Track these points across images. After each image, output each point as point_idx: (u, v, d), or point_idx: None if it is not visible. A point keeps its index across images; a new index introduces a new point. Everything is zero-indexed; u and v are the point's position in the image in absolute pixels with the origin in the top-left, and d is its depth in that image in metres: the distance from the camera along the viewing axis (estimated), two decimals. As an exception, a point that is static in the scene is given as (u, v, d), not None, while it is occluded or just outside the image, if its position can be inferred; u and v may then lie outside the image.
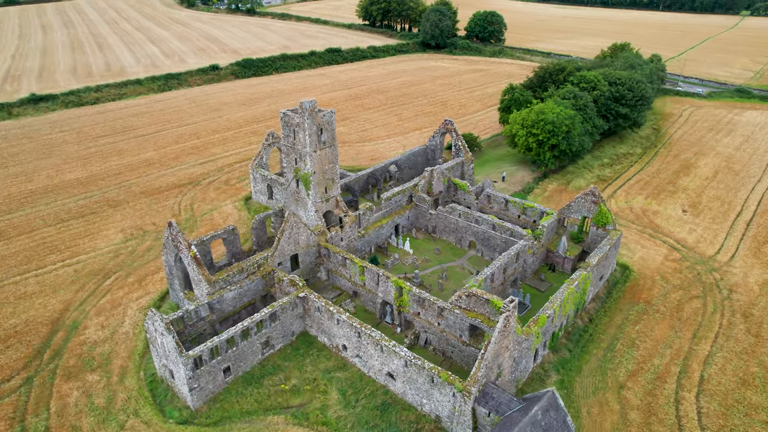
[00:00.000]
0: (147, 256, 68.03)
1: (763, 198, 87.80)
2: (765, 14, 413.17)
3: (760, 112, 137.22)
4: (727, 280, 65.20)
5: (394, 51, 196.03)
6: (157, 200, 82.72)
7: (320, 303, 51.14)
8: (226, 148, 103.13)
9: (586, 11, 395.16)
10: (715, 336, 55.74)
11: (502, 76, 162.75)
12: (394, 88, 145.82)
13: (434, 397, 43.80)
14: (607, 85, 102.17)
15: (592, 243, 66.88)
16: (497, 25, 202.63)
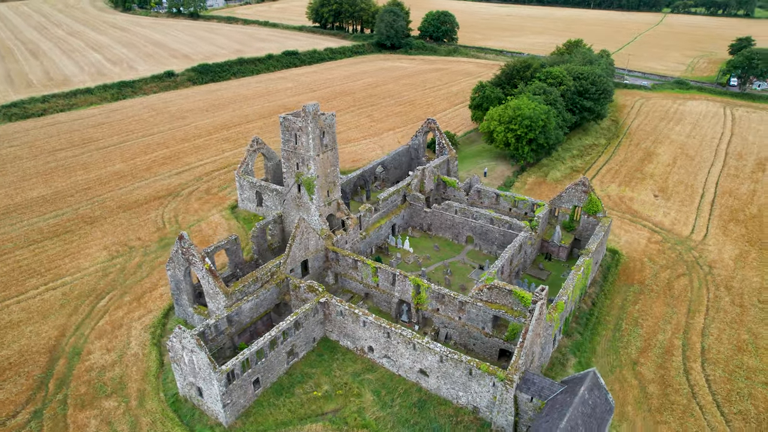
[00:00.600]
0: (139, 273, 64.87)
1: (719, 180, 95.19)
2: (683, 11, 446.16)
3: (699, 101, 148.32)
4: (705, 257, 70.37)
5: (351, 52, 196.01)
6: (137, 214, 78.90)
7: (343, 307, 50.83)
8: (200, 156, 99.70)
9: (526, 10, 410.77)
10: (706, 309, 60.11)
11: (461, 75, 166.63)
12: (359, 90, 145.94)
13: (472, 389, 44.73)
14: (571, 80, 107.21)
15: (583, 231, 70.13)
16: (449, 25, 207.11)
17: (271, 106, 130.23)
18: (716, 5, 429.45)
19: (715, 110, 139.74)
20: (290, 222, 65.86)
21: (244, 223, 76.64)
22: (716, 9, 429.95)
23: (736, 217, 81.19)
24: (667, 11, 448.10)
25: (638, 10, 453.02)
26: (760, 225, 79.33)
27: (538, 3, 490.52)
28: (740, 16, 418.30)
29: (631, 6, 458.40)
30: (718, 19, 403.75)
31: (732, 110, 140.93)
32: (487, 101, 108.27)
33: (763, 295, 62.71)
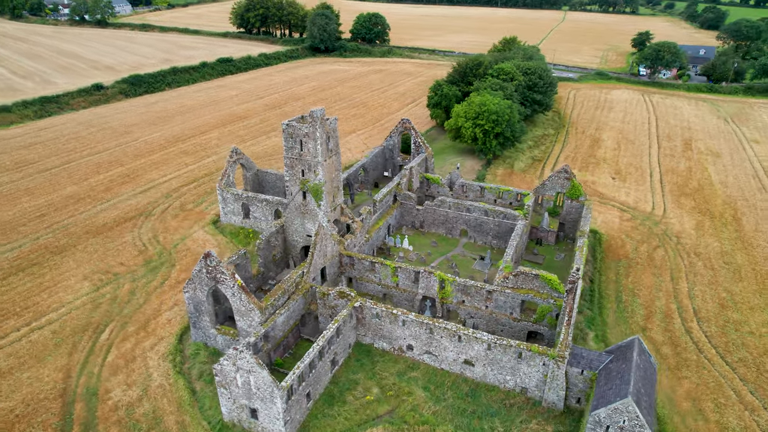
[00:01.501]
0: (135, 300, 60.43)
1: (659, 161, 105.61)
2: (580, 9, 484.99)
3: (621, 90, 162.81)
4: (671, 229, 78.12)
5: (285, 57, 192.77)
6: (110, 238, 73.12)
7: (379, 309, 50.96)
8: (162, 172, 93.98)
9: (438, 10, 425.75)
10: (686, 275, 66.96)
11: (402, 75, 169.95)
12: (307, 95, 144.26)
13: (521, 371, 46.85)
14: (521, 75, 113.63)
15: (567, 215, 75.10)
16: (381, 27, 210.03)
17: (220, 115, 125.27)
18: (607, 3, 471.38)
19: (637, 97, 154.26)
20: (293, 231, 64.46)
21: (232, 238, 73.74)
22: (608, 7, 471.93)
23: (683, 192, 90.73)
24: (566, 9, 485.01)
25: (541, 8, 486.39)
26: (705, 197, 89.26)
27: (448, 3, 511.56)
28: (628, 13, 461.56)
29: (534, 4, 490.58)
30: (611, 15, 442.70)
31: (650, 97, 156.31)
32: (446, 99, 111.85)
33: (726, 258, 70.92)
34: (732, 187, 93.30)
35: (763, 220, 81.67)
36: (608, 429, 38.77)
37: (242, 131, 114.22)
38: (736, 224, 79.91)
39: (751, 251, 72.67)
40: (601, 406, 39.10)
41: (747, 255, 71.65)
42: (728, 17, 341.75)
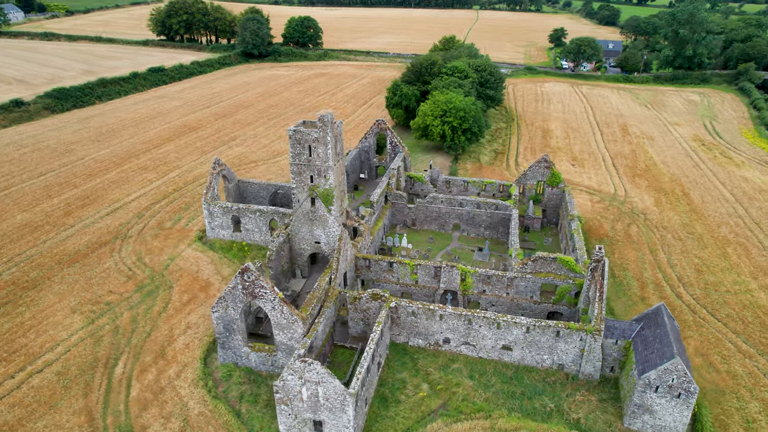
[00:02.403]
0: (141, 329, 56.33)
1: (606, 146, 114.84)
2: (489, 8, 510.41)
3: (552, 83, 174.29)
4: (636, 207, 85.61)
5: (219, 64, 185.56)
6: (88, 266, 67.25)
7: (415, 306, 51.65)
8: (124, 191, 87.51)
9: (356, 12, 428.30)
10: (661, 247, 73.92)
11: (345, 78, 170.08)
12: (255, 101, 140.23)
13: (558, 349, 49.68)
14: (474, 72, 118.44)
15: (548, 201, 79.93)
16: (313, 30, 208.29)
17: (170, 127, 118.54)
18: (514, 2, 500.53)
19: (568, 89, 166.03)
20: (300, 239, 63.25)
21: (224, 253, 70.68)
22: (515, 5, 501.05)
23: (635, 173, 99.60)
24: (477, 8, 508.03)
25: (453, 8, 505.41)
26: (653, 176, 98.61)
27: (362, 5, 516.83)
28: (533, 11, 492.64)
29: (446, 4, 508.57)
30: (518, 14, 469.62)
31: (579, 88, 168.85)
32: (406, 99, 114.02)
33: (687, 229, 79.08)
34: (672, 166, 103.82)
35: (706, 192, 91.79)
36: (657, 389, 42.43)
37: (199, 142, 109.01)
38: (686, 199, 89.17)
39: (706, 221, 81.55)
40: (648, 369, 42.65)
41: (703, 224, 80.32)
42: (621, 14, 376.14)
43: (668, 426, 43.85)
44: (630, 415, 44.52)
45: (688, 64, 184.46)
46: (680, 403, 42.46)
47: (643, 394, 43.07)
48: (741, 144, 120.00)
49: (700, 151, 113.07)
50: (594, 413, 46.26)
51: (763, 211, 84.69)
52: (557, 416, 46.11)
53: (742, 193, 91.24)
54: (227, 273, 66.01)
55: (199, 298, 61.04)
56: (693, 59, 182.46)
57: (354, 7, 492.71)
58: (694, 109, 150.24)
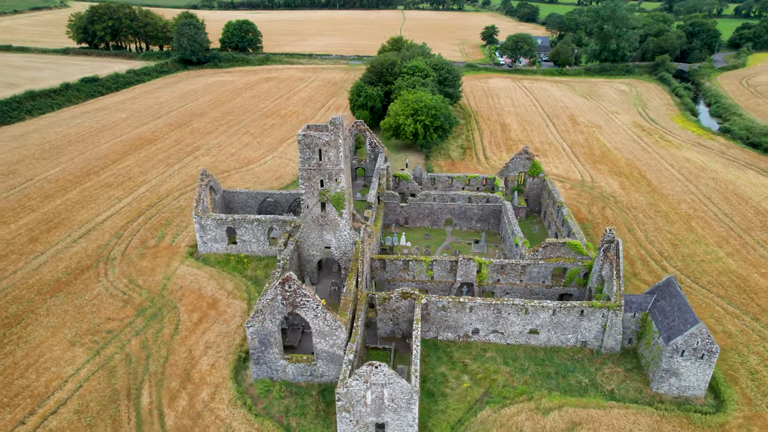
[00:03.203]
0: (156, 354, 53.09)
1: (562, 136, 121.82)
2: (414, 8, 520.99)
3: (495, 79, 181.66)
4: (605, 191, 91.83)
5: (157, 73, 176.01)
6: (75, 294, 62.16)
7: (445, 301, 52.71)
8: (92, 211, 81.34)
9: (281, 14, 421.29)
10: (636, 226, 79.98)
11: (294, 81, 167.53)
12: (209, 109, 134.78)
13: (581, 328, 52.74)
14: (433, 71, 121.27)
15: (530, 191, 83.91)
16: (252, 34, 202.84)
17: (123, 140, 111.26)
18: (437, 1, 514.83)
19: (512, 84, 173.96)
20: (310, 245, 62.34)
21: (222, 267, 67.99)
22: (438, 5, 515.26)
23: (594, 160, 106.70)
24: (401, 8, 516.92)
25: (377, 8, 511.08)
26: (611, 162, 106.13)
27: (285, 7, 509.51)
28: (456, 10, 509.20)
29: (371, 5, 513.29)
30: (442, 12, 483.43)
31: (520, 83, 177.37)
32: (371, 100, 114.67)
33: (654, 208, 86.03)
34: (624, 151, 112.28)
35: (659, 174, 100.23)
36: (683, 353, 46.39)
37: (161, 155, 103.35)
38: (645, 180, 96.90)
39: (667, 199, 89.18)
40: (674, 336, 46.50)
41: (666, 203, 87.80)
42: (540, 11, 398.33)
43: (692, 386, 48.03)
44: (658, 380, 48.25)
45: (613, 57, 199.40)
46: (703, 363, 46.69)
47: (670, 360, 46.87)
48: (674, 128, 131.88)
49: (643, 136, 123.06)
50: (624, 383, 49.67)
51: (710, 187, 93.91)
52: (592, 390, 49.05)
53: (688, 173, 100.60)
54: (231, 287, 63.61)
55: (210, 316, 58.41)
56: (617, 53, 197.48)
57: (276, 10, 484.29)
58: (625, 98, 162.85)
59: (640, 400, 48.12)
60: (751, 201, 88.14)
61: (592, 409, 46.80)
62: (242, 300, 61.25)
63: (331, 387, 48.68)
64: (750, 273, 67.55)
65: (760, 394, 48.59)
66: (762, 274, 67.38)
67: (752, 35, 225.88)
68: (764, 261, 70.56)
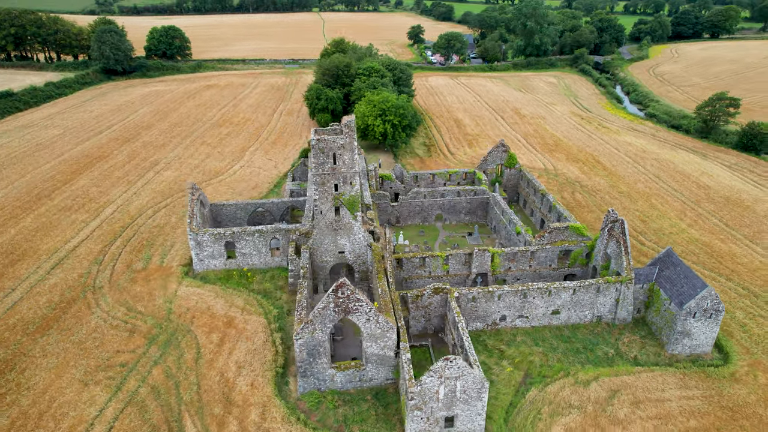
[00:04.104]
0: (185, 382, 50.00)
1: (512, 128, 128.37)
2: (329, 10, 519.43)
3: (434, 78, 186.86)
4: (569, 177, 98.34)
5: (79, 84, 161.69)
6: (69, 329, 56.61)
7: (475, 292, 54.47)
8: (58, 238, 73.95)
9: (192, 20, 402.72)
10: (605, 205, 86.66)
11: (237, 88, 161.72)
12: (153, 121, 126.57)
13: (597, 303, 56.83)
14: (388, 72, 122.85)
15: (507, 182, 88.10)
16: (180, 40, 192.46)
17: (68, 159, 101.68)
18: (352, 3, 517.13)
19: (451, 82, 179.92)
20: (323, 251, 61.57)
21: (224, 284, 65.05)
22: (353, 6, 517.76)
23: (550, 149, 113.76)
24: (317, 10, 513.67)
25: (292, 11, 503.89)
26: (565, 150, 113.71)
27: (195, 12, 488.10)
28: (370, 11, 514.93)
29: (285, 8, 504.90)
30: (357, 14, 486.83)
31: (458, 80, 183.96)
32: (332, 103, 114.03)
33: (615, 189, 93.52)
34: (573, 139, 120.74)
35: (610, 157, 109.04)
36: (695, 315, 51.63)
37: (117, 172, 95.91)
38: (600, 165, 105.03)
39: (624, 180, 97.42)
40: (686, 300, 51.59)
41: (624, 184, 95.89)
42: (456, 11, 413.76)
43: (702, 343, 53.53)
44: (673, 343, 53.27)
45: (537, 51, 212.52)
46: (711, 322, 52.26)
47: (684, 322, 51.96)
48: (607, 116, 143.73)
49: (584, 125, 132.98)
50: (644, 349, 54.28)
51: (656, 167, 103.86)
52: (618, 359, 53.13)
53: (634, 155, 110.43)
54: (241, 303, 61.13)
55: (231, 335, 55.86)
56: (540, 47, 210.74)
57: (185, 15, 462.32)
58: (556, 90, 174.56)
59: (660, 362, 52.86)
60: (691, 177, 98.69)
61: (624, 376, 50.79)
62: (258, 315, 59.11)
63: (382, 390, 48.74)
64: (712, 240, 75.95)
65: (754, 343, 55.18)
66: (722, 240, 76.03)
67: (649, 30, 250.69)
68: (719, 228, 79.60)
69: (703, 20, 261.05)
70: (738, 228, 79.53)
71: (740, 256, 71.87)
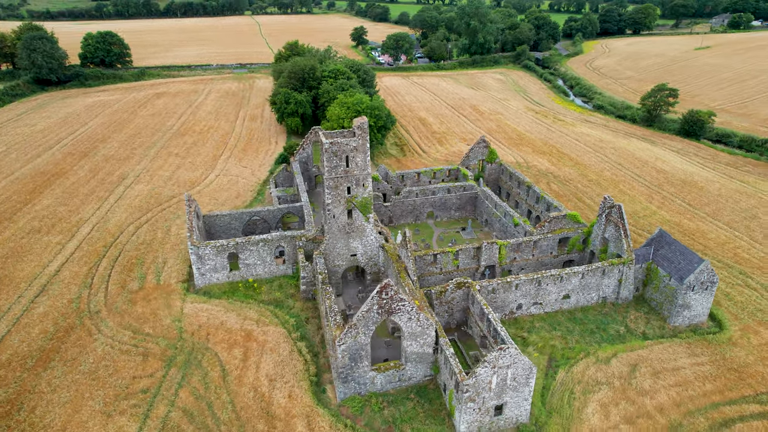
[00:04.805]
0: (218, 401, 48.18)
1: (475, 124, 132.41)
2: (261, 12, 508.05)
3: (387, 78, 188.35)
4: (540, 169, 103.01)
5: (9, 96, 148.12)
6: (75, 360, 52.72)
7: (495, 283, 56.29)
8: (35, 264, 68.12)
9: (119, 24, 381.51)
10: (580, 194, 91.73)
11: (189, 95, 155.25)
12: (108, 133, 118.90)
13: (603, 285, 60.45)
14: (352, 73, 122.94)
15: (489, 176, 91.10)
16: (119, 46, 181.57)
17: (21, 177, 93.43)
18: (284, 5, 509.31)
19: (404, 82, 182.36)
20: (336, 255, 61.28)
21: (231, 296, 63.13)
22: (286, 8, 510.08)
23: (516, 143, 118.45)
24: (249, 13, 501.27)
25: (223, 15, 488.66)
26: (530, 143, 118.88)
27: (118, 17, 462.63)
28: (304, 13, 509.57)
29: (216, 11, 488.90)
30: (292, 16, 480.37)
31: (411, 80, 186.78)
32: (301, 107, 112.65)
33: (585, 177, 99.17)
34: (534, 132, 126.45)
35: (572, 148, 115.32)
36: (694, 288, 56.26)
37: (83, 188, 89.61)
38: (565, 156, 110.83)
39: (591, 168, 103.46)
40: (686, 275, 56.10)
41: (591, 172, 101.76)
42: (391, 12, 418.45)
43: (699, 314, 58.35)
44: (674, 315, 57.72)
45: (481, 50, 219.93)
46: (707, 293, 57.14)
47: (685, 296, 56.46)
48: (559, 109, 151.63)
49: (541, 118, 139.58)
50: (649, 323, 58.40)
51: (616, 155, 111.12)
52: (629, 335, 56.86)
53: (594, 145, 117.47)
54: (255, 315, 59.54)
55: (254, 349, 54.33)
56: (484, 45, 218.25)
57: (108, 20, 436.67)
58: (505, 86, 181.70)
59: (665, 335, 57.11)
60: (649, 163, 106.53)
61: (638, 351, 54.45)
62: (275, 325, 57.83)
63: (422, 387, 49.35)
64: (681, 220, 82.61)
65: (740, 310, 60.85)
66: (689, 219, 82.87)
67: (580, 26, 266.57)
68: (684, 208, 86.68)
69: (626, 17, 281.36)
70: (700, 207, 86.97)
71: (708, 232, 78.73)
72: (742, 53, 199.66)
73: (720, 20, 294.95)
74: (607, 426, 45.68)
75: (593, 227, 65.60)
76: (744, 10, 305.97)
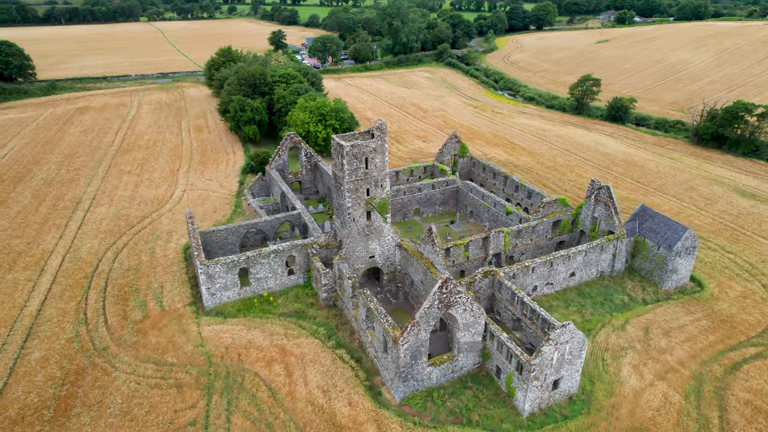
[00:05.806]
0: (278, 421, 46.34)
1: (422, 122, 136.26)
2: (159, 19, 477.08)
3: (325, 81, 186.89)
4: (500, 160, 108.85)
5: None
6: (99, 405, 48.09)
7: (515, 268, 59.47)
8: (10, 305, 60.30)
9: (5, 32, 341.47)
10: (544, 181, 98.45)
11: (117, 108, 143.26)
12: (40, 155, 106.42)
13: (601, 260, 66.11)
14: (302, 76, 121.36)
15: (461, 170, 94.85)
16: (19, 58, 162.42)
17: None
18: (184, 11, 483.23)
19: (338, 84, 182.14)
20: (355, 258, 61.26)
21: (247, 313, 60.76)
22: (186, 14, 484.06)
23: (467, 137, 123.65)
24: (145, 19, 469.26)
25: (116, 22, 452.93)
26: (480, 136, 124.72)
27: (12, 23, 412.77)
28: (206, 19, 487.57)
29: (107, 18, 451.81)
30: (194, 22, 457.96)
31: (344, 81, 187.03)
32: (258, 114, 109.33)
33: (545, 165, 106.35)
34: (481, 126, 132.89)
35: (520, 138, 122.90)
36: (680, 254, 63.47)
37: (35, 217, 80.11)
38: (517, 146, 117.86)
39: (544, 156, 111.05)
40: (674, 243, 63.09)
41: (546, 160, 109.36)
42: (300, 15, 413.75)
43: (683, 276, 65.82)
44: (666, 281, 64.65)
45: (404, 49, 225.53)
46: (690, 257, 64.67)
47: (674, 261, 63.50)
48: (494, 102, 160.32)
49: (481, 112, 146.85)
50: (645, 290, 64.87)
51: (561, 141, 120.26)
52: (632, 302, 62.82)
53: (537, 135, 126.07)
54: (280, 330, 57.86)
55: (292, 363, 52.90)
56: (407, 45, 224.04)
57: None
58: (436, 84, 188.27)
59: (660, 298, 63.79)
60: (591, 147, 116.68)
61: (645, 315, 60.42)
62: (306, 336, 56.67)
63: (473, 375, 51.11)
64: (638, 196, 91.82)
65: (711, 269, 69.45)
66: (644, 195, 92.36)
67: (490, 24, 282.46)
68: (636, 186, 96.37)
69: (530, 15, 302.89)
70: (647, 183, 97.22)
71: (662, 204, 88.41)
72: (635, 45, 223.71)
73: (607, 16, 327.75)
74: (645, 384, 50.51)
75: (581, 208, 71.25)
76: (623, 7, 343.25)
